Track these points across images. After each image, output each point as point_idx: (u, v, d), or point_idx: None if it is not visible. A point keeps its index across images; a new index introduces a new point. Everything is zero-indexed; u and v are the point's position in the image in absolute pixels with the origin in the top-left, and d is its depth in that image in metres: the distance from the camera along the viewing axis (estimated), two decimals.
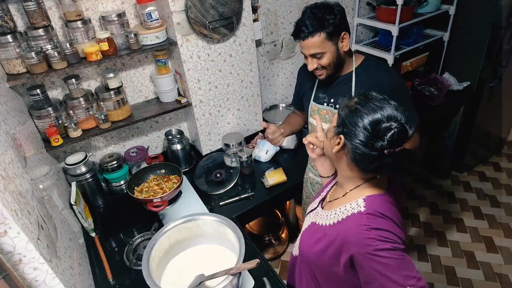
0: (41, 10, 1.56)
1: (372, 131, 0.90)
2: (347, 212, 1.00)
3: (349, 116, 0.94)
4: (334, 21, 1.37)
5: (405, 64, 2.59)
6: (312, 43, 1.40)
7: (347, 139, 0.95)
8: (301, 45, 1.46)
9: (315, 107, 1.64)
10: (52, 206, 1.46)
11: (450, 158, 3.16)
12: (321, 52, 1.42)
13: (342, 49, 1.45)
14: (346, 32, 1.43)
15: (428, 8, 2.57)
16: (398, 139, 0.89)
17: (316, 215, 1.15)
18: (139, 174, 1.99)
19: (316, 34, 1.38)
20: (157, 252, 1.36)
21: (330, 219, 1.05)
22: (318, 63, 1.46)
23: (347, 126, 0.94)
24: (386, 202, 1.00)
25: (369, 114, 0.91)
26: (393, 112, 0.91)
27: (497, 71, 2.73)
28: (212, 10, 1.84)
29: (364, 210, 0.97)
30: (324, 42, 1.40)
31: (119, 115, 1.91)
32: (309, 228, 1.14)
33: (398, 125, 0.89)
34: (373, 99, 0.94)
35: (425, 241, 2.74)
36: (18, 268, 0.97)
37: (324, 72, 1.49)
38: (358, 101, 0.95)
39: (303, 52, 1.47)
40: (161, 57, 1.96)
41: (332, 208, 1.08)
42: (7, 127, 1.28)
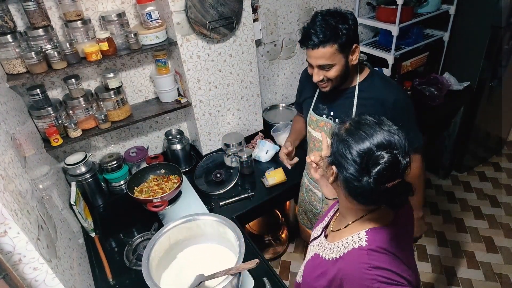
0: (41, 10, 1.55)
1: (360, 164, 0.83)
2: (348, 246, 0.94)
3: (339, 146, 0.88)
4: (348, 32, 1.27)
5: (405, 64, 2.59)
6: (322, 54, 1.29)
7: (339, 170, 0.89)
8: (308, 54, 1.35)
9: (314, 117, 1.58)
10: (52, 206, 1.46)
11: (450, 158, 3.16)
12: (330, 64, 1.32)
13: (351, 62, 1.36)
14: (357, 45, 1.34)
15: (428, 8, 2.57)
16: (387, 174, 0.80)
17: (319, 245, 1.09)
18: (139, 174, 1.99)
19: (328, 45, 1.27)
20: (157, 252, 1.36)
21: (332, 253, 0.99)
22: (325, 75, 1.36)
23: (338, 157, 0.88)
24: (391, 235, 0.93)
25: (357, 145, 0.84)
26: (385, 139, 0.83)
27: (497, 71, 2.73)
28: (212, 10, 1.84)
29: (366, 245, 0.90)
30: (335, 54, 1.29)
31: (119, 115, 1.91)
32: (313, 260, 1.08)
33: (389, 156, 0.80)
34: (365, 125, 0.87)
35: (425, 241, 2.74)
36: (18, 268, 0.97)
37: (329, 84, 1.40)
38: (348, 128, 0.89)
39: (310, 61, 1.36)
40: (161, 57, 1.96)
41: (335, 240, 1.02)
42: (7, 127, 1.28)
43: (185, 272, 1.38)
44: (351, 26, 1.28)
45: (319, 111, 1.56)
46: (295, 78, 2.70)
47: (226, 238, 1.40)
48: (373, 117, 0.89)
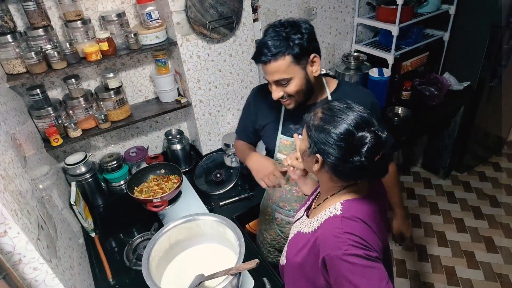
0: (40, 10, 1.55)
1: (346, 147, 0.89)
2: (325, 216, 1.00)
3: (319, 135, 0.92)
4: (301, 41, 1.18)
5: (405, 64, 2.59)
6: (276, 68, 1.20)
7: (325, 157, 0.93)
8: (263, 70, 1.25)
9: (287, 141, 1.43)
10: (52, 206, 1.46)
11: (450, 158, 3.16)
12: (287, 78, 1.22)
13: (312, 74, 1.26)
14: (316, 55, 1.24)
15: (428, 8, 2.57)
16: (375, 150, 0.88)
17: (301, 224, 1.14)
18: (139, 174, 1.99)
19: (280, 58, 1.18)
20: (157, 252, 1.36)
21: (311, 226, 1.05)
22: (284, 91, 1.26)
23: (320, 145, 0.92)
24: (365, 206, 0.99)
25: (336, 129, 0.89)
26: (360, 119, 0.90)
27: (497, 71, 2.73)
28: (212, 10, 1.83)
29: (340, 213, 0.97)
30: (290, 66, 1.20)
31: (119, 115, 1.91)
32: (294, 238, 1.13)
33: (371, 134, 0.87)
34: (337, 111, 0.92)
35: (425, 241, 2.74)
36: (18, 268, 0.97)
37: (292, 100, 1.29)
38: (322, 117, 0.94)
39: (266, 78, 1.26)
40: (161, 57, 1.96)
41: (315, 216, 1.07)
42: (7, 127, 1.28)
43: (185, 272, 1.38)
44: (305, 35, 1.19)
45: (290, 133, 1.42)
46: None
47: (226, 238, 1.40)
48: (341, 103, 0.95)
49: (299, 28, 1.19)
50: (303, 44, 1.19)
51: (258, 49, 1.21)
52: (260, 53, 1.20)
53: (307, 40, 1.19)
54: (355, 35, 2.80)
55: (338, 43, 2.79)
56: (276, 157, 1.50)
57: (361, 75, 2.62)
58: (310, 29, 1.22)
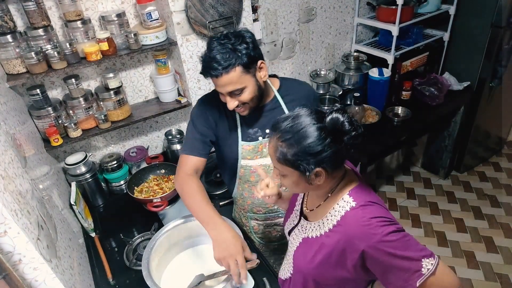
0: (41, 10, 1.55)
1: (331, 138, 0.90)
2: (340, 212, 1.00)
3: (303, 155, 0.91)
4: (248, 51, 1.21)
5: (405, 64, 2.59)
6: (228, 80, 1.21)
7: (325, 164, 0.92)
8: (214, 83, 1.26)
9: (248, 146, 1.45)
10: (52, 206, 1.46)
11: (450, 158, 3.16)
12: (240, 88, 1.24)
13: (261, 79, 1.30)
14: (262, 61, 1.28)
15: (428, 8, 2.57)
16: (349, 118, 0.91)
17: (304, 230, 1.12)
18: (139, 174, 1.99)
19: (231, 70, 1.19)
20: (157, 252, 1.36)
21: (323, 228, 1.04)
22: (239, 100, 1.27)
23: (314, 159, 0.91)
24: (367, 189, 1.02)
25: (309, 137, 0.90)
26: (312, 113, 0.93)
27: (497, 71, 2.73)
28: (212, 10, 1.84)
29: (356, 204, 0.98)
30: (241, 76, 1.22)
31: (119, 115, 1.91)
32: (303, 245, 1.11)
33: (336, 112, 0.91)
34: (292, 126, 0.92)
35: (425, 241, 2.74)
36: (18, 268, 0.97)
37: (247, 107, 1.32)
38: (290, 143, 0.92)
39: (219, 90, 1.27)
40: (161, 57, 1.96)
41: (319, 217, 1.06)
42: (7, 127, 1.28)
43: (185, 272, 1.38)
44: (250, 45, 1.22)
45: (251, 137, 1.44)
46: (295, 78, 2.70)
47: None
48: (285, 119, 0.95)
49: (243, 38, 1.22)
50: (250, 53, 1.21)
51: (207, 64, 1.21)
52: (209, 67, 1.20)
53: (252, 49, 1.22)
54: (355, 35, 2.80)
55: (338, 43, 2.80)
56: (241, 164, 1.50)
57: (361, 75, 2.63)
58: (252, 37, 1.25)
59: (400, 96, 2.69)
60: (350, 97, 2.64)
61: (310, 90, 1.50)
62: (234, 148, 1.46)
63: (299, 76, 2.71)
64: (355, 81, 2.66)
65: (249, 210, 1.65)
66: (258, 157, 1.48)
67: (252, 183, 1.54)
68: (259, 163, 1.49)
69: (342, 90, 2.61)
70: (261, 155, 1.47)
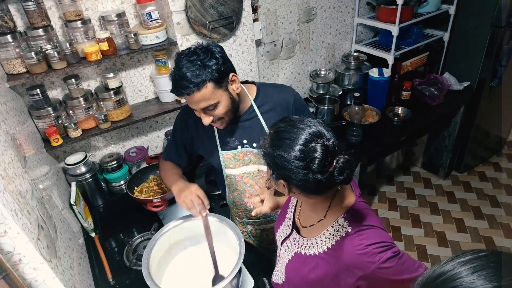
0: (40, 10, 1.55)
1: (303, 167, 0.86)
2: (335, 236, 0.99)
3: (274, 162, 0.90)
4: (218, 66, 1.19)
5: (405, 64, 2.59)
6: (201, 97, 1.19)
7: (288, 182, 0.91)
8: (187, 100, 1.24)
9: (228, 155, 1.45)
10: (52, 206, 1.46)
11: (450, 158, 3.16)
12: (213, 104, 1.22)
13: (234, 92, 1.28)
14: (233, 74, 1.27)
15: (428, 8, 2.57)
16: (326, 161, 0.85)
17: (296, 244, 1.11)
18: (139, 174, 1.98)
19: (203, 86, 1.17)
20: (157, 252, 1.36)
21: (317, 248, 1.03)
22: (213, 115, 1.26)
23: (279, 171, 0.90)
24: (363, 208, 1.00)
25: (290, 152, 0.86)
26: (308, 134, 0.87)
27: (497, 71, 2.73)
28: (212, 10, 1.84)
29: (351, 229, 0.96)
30: (214, 91, 1.20)
31: (119, 115, 1.91)
32: (295, 260, 1.10)
33: (320, 146, 0.84)
34: (284, 132, 0.90)
35: (425, 241, 2.74)
36: (18, 268, 0.97)
37: (223, 121, 1.31)
38: (272, 143, 0.91)
39: (192, 107, 1.26)
40: (161, 57, 1.96)
41: (313, 235, 1.05)
42: (7, 127, 1.28)
43: (185, 272, 1.38)
44: (219, 59, 1.20)
45: (230, 146, 1.44)
46: (295, 78, 2.70)
47: (226, 238, 1.40)
48: (284, 122, 0.93)
49: (212, 53, 1.20)
50: (220, 68, 1.20)
51: (177, 82, 1.18)
52: (180, 86, 1.18)
53: (222, 63, 1.20)
54: (355, 35, 2.80)
55: (338, 43, 2.80)
56: (226, 173, 1.50)
57: (361, 75, 2.63)
58: (222, 51, 1.23)
59: (400, 96, 2.69)
60: (350, 97, 2.64)
61: (289, 97, 1.41)
62: (216, 157, 1.47)
63: (299, 76, 2.71)
64: (355, 81, 2.66)
65: (243, 217, 1.66)
66: (241, 165, 1.47)
67: (240, 191, 1.54)
68: (242, 172, 1.48)
69: (342, 90, 2.61)
70: (243, 163, 1.46)
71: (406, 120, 2.52)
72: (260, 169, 1.48)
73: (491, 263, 0.52)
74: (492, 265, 0.52)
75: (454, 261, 0.55)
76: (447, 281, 0.54)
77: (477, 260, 0.53)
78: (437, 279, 0.55)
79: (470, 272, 0.52)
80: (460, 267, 0.53)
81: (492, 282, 0.50)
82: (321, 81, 2.60)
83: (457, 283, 0.52)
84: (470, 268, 0.53)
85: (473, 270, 0.52)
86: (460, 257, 0.55)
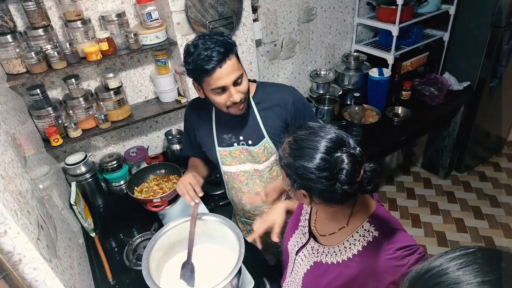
0: (40, 10, 1.55)
1: (327, 177, 0.82)
2: (361, 242, 0.96)
3: (296, 173, 0.86)
4: (231, 41, 1.24)
5: (405, 64, 2.59)
6: (231, 66, 1.21)
7: (310, 192, 0.88)
8: (216, 78, 1.21)
9: (225, 151, 1.45)
10: (52, 206, 1.46)
11: (450, 158, 3.16)
12: (240, 75, 1.25)
13: None
14: None
15: (428, 8, 2.57)
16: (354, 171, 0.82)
17: (316, 252, 1.06)
18: (139, 174, 1.98)
19: (232, 56, 1.21)
20: (157, 252, 1.36)
21: (341, 255, 0.99)
22: (241, 91, 1.27)
23: (301, 181, 0.86)
24: (384, 212, 0.98)
25: (311, 162, 0.82)
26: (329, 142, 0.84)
27: (497, 71, 2.73)
28: (212, 10, 1.84)
29: (378, 234, 0.94)
30: (238, 63, 1.25)
31: (119, 115, 1.90)
32: (315, 269, 1.06)
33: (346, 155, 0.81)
34: (304, 141, 0.86)
35: (425, 241, 2.74)
36: (18, 268, 0.97)
37: (245, 103, 1.32)
38: (292, 153, 0.87)
39: (222, 83, 1.22)
40: (161, 57, 1.96)
41: (335, 243, 1.01)
42: (7, 127, 1.28)
43: None
44: (231, 38, 1.25)
45: (226, 143, 1.45)
46: (295, 78, 2.70)
47: (226, 238, 1.40)
48: (304, 130, 0.89)
49: (222, 34, 1.25)
50: (234, 43, 1.25)
51: (206, 58, 1.18)
52: (210, 60, 1.17)
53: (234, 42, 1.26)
54: (355, 35, 2.80)
55: (338, 43, 2.80)
56: (223, 170, 1.51)
57: (361, 75, 2.63)
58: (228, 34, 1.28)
59: (400, 96, 2.70)
60: (350, 97, 2.64)
61: (288, 96, 1.39)
62: (213, 153, 1.49)
63: (299, 76, 2.71)
64: (355, 81, 2.66)
65: (242, 215, 1.66)
66: (237, 163, 1.48)
67: (236, 189, 1.55)
68: (238, 169, 1.49)
69: (342, 90, 2.61)
70: (239, 161, 1.47)
71: (406, 120, 2.52)
72: (256, 169, 1.48)
73: (477, 259, 0.53)
74: (478, 261, 0.53)
75: (442, 257, 0.56)
76: (433, 277, 0.54)
77: (464, 257, 0.54)
78: (425, 275, 0.56)
79: (456, 268, 0.53)
80: (447, 263, 0.54)
81: (477, 278, 0.51)
82: (321, 81, 2.60)
83: (443, 279, 0.53)
84: (457, 264, 0.53)
85: (459, 266, 0.53)
86: (448, 254, 0.56)
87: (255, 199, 1.33)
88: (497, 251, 0.55)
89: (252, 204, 1.35)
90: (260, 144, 1.41)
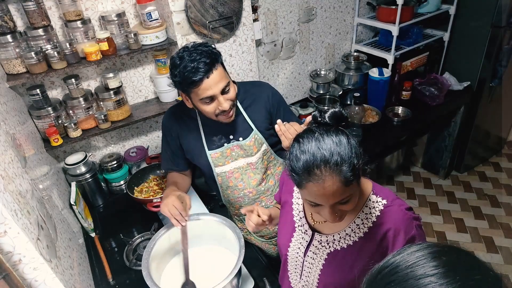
0: (40, 10, 1.55)
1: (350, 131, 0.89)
2: (374, 212, 0.99)
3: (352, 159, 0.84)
4: (217, 51, 1.28)
5: (405, 64, 2.59)
6: (219, 75, 1.25)
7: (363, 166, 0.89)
8: (204, 88, 1.23)
9: (216, 154, 1.46)
10: (52, 206, 1.46)
11: (450, 158, 3.16)
12: (227, 83, 1.28)
13: None
14: None
15: (428, 8, 2.57)
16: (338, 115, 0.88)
17: (326, 244, 1.05)
18: (139, 174, 1.98)
19: (218, 66, 1.25)
20: (157, 252, 1.36)
21: (355, 234, 1.00)
22: (230, 98, 1.31)
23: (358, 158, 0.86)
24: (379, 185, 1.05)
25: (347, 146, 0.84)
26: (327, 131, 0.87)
27: (497, 71, 2.73)
28: (212, 9, 1.84)
29: (387, 201, 1.00)
30: (224, 72, 1.29)
31: (119, 115, 1.90)
32: (331, 259, 1.04)
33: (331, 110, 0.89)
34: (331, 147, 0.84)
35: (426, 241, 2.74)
36: (18, 268, 0.97)
37: (234, 108, 1.36)
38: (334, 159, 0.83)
39: (210, 93, 1.25)
40: (161, 57, 1.96)
41: (344, 225, 1.01)
42: (7, 127, 1.28)
43: None
44: (215, 48, 1.29)
45: (216, 144, 1.46)
46: (295, 78, 2.70)
47: (226, 238, 1.40)
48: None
49: (206, 44, 1.28)
50: (219, 53, 1.28)
51: (192, 69, 1.20)
52: (197, 71, 1.20)
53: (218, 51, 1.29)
54: (355, 35, 2.80)
55: (338, 43, 2.80)
56: (216, 172, 1.51)
57: (361, 75, 2.63)
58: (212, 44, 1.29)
59: (400, 96, 2.69)
60: (350, 97, 2.64)
61: (267, 90, 1.48)
62: (204, 158, 1.49)
63: (299, 76, 2.71)
64: (355, 81, 2.66)
65: (240, 214, 1.64)
66: (230, 161, 1.49)
67: (232, 188, 1.55)
68: (232, 167, 1.50)
69: (342, 90, 2.61)
70: (232, 159, 1.48)
71: (406, 120, 2.52)
72: (248, 162, 1.49)
73: (425, 256, 0.53)
74: (425, 256, 0.53)
75: (394, 256, 0.56)
76: (385, 276, 0.54)
77: (414, 254, 0.54)
78: (378, 276, 0.56)
79: (405, 266, 0.53)
80: (398, 261, 0.54)
81: (425, 272, 0.51)
82: (321, 81, 2.60)
83: (393, 278, 0.53)
84: (406, 261, 0.53)
85: (408, 264, 0.53)
86: (400, 252, 0.56)
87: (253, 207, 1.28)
88: (443, 245, 0.55)
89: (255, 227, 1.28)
90: (250, 136, 1.45)
